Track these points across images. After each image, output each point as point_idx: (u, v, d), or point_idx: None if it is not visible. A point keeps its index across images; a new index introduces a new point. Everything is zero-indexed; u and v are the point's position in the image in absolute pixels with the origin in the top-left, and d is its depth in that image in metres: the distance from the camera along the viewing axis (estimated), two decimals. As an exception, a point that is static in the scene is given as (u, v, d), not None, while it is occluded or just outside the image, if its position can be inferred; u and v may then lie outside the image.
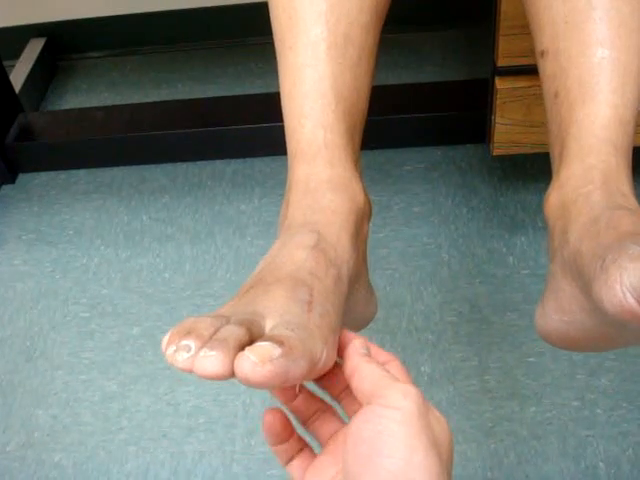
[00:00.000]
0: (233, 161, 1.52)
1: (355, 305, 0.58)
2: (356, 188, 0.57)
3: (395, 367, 0.47)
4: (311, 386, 0.51)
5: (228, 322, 0.43)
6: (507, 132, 1.15)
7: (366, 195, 0.59)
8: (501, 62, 1.08)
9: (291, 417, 0.50)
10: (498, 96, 1.11)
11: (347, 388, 0.49)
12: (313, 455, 0.49)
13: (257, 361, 0.39)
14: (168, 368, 1.17)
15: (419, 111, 1.43)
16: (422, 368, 1.13)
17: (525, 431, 1.05)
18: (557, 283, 0.54)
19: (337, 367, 0.49)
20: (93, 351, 1.22)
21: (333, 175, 0.56)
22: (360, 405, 0.47)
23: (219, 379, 0.39)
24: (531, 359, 1.12)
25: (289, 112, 0.59)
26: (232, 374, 0.39)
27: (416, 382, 1.18)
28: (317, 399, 0.50)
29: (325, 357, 0.44)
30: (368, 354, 0.46)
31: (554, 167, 0.60)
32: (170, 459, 1.08)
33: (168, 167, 1.52)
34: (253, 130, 1.47)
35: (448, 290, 1.22)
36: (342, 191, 0.56)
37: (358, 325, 0.62)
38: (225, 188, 1.46)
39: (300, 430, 0.51)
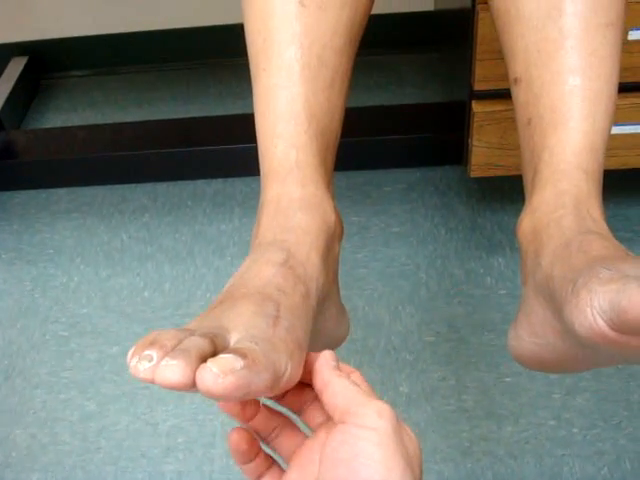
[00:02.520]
0: (214, 181, 1.52)
1: (325, 323, 0.58)
2: (327, 208, 0.58)
3: (358, 378, 0.48)
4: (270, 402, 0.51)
5: (192, 334, 0.43)
6: (484, 154, 1.16)
7: (338, 215, 0.60)
8: (478, 86, 1.10)
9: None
10: (475, 119, 1.13)
11: (308, 401, 0.49)
12: (281, 471, 0.49)
13: (219, 372, 0.39)
14: (147, 387, 1.17)
15: (398, 133, 1.44)
16: (400, 388, 1.14)
17: (502, 451, 1.05)
18: (529, 306, 0.55)
19: (299, 383, 0.49)
20: (72, 370, 1.22)
21: (304, 194, 0.57)
22: (325, 417, 0.47)
23: (180, 389, 0.39)
24: (508, 379, 1.13)
25: (262, 132, 0.60)
26: (193, 384, 0.39)
27: (394, 402, 1.19)
28: (277, 414, 0.50)
29: (290, 371, 0.44)
30: (338, 366, 0.46)
31: (527, 192, 0.61)
32: (148, 479, 1.08)
33: (148, 186, 1.53)
34: (234, 150, 1.48)
35: (426, 310, 1.23)
36: (313, 210, 0.56)
37: (330, 345, 0.62)
38: (205, 208, 1.47)
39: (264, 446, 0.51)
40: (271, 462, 0.50)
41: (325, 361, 0.46)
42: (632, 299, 0.37)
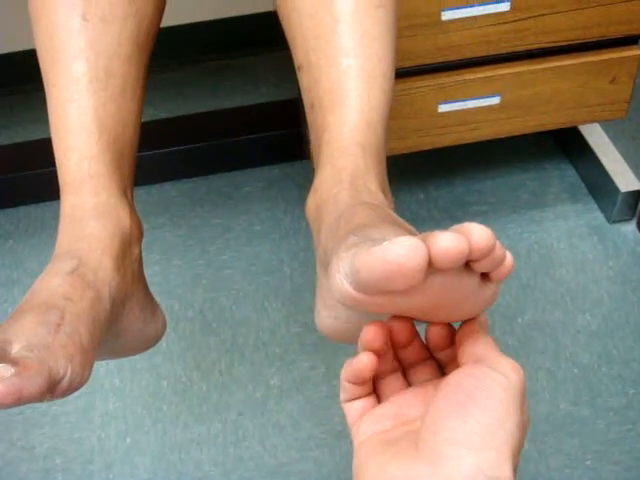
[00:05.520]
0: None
1: (130, 324, 0.60)
2: (121, 213, 0.59)
3: None
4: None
5: None
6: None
7: (135, 219, 0.61)
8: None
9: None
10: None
11: (422, 359, 0.49)
12: (375, 403, 0.49)
13: None
14: (20, 413, 1.16)
15: (254, 132, 1.46)
16: (271, 381, 1.16)
17: (372, 430, 1.08)
18: (320, 281, 0.58)
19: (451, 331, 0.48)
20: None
21: (98, 203, 0.59)
22: (433, 375, 0.48)
23: None
24: (374, 360, 1.16)
25: (56, 147, 0.61)
26: None
27: (266, 396, 1.19)
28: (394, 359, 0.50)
29: (70, 373, 0.47)
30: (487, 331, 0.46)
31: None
32: (26, 504, 1.07)
33: (11, 211, 1.51)
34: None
35: (292, 303, 1.25)
36: (105, 217, 0.58)
37: (141, 344, 0.64)
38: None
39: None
40: (370, 391, 0.50)
41: (478, 320, 0.46)
42: (361, 259, 0.39)
